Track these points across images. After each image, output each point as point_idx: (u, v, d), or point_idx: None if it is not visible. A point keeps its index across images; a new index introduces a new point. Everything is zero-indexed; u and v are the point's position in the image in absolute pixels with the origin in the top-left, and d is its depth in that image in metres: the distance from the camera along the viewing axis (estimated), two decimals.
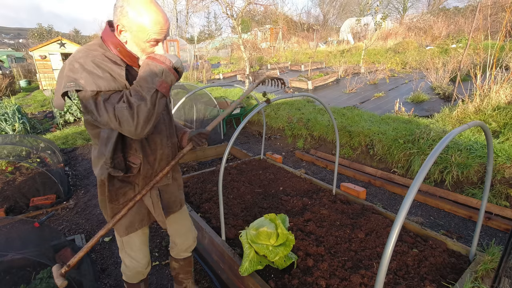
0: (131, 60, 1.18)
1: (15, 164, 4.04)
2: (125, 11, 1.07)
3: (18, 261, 1.98)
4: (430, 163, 0.99)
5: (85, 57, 1.07)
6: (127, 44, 1.15)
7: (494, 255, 1.81)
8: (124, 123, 1.06)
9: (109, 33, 1.15)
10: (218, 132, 5.40)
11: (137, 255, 1.49)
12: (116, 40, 1.14)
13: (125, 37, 1.13)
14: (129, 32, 1.11)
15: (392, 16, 25.86)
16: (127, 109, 1.04)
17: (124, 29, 1.11)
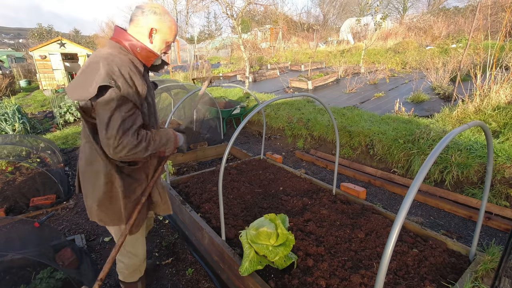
0: (147, 61, 1.40)
1: (15, 164, 4.04)
2: (156, 18, 1.35)
3: (18, 261, 1.98)
4: (430, 163, 0.99)
5: (122, 66, 1.25)
6: (152, 44, 1.39)
7: (494, 255, 1.81)
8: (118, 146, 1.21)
9: (130, 38, 1.34)
10: (218, 132, 5.40)
11: (138, 250, 1.60)
12: (139, 44, 1.34)
13: (154, 37, 1.38)
14: (159, 33, 1.37)
15: (392, 16, 25.86)
16: (132, 145, 1.24)
17: (155, 31, 1.36)
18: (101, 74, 1.18)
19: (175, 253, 2.59)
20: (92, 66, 1.23)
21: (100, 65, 1.20)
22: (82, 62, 14.42)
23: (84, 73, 1.24)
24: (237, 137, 6.09)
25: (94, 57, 1.27)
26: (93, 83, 1.17)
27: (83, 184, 1.45)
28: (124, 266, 1.60)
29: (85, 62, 1.30)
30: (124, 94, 1.22)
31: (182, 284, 2.23)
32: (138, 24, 1.35)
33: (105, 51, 1.29)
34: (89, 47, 21.74)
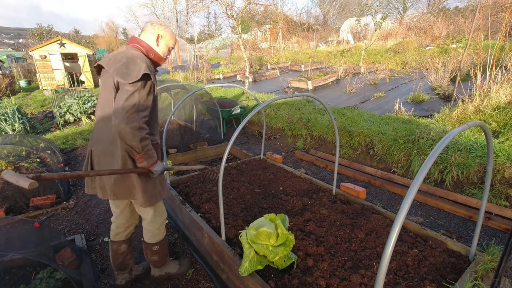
0: (158, 60, 1.79)
1: (15, 164, 4.03)
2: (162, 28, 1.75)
3: (18, 261, 1.98)
4: (430, 163, 0.99)
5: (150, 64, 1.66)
6: (158, 47, 1.77)
7: (494, 255, 1.81)
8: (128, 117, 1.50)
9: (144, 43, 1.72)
10: (218, 132, 5.40)
11: (163, 208, 1.99)
12: (153, 50, 1.75)
13: (161, 42, 1.77)
14: (163, 39, 1.77)
15: (392, 16, 25.87)
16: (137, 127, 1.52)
17: (161, 38, 1.76)
18: (142, 66, 1.56)
19: (175, 253, 2.59)
20: (131, 60, 1.59)
21: (139, 61, 1.59)
22: (82, 62, 14.41)
23: (125, 64, 1.57)
24: (237, 137, 6.09)
25: (130, 55, 1.62)
26: (135, 71, 1.54)
27: (101, 162, 1.71)
28: (161, 224, 1.96)
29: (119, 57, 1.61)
30: (153, 82, 1.64)
31: (182, 284, 2.22)
32: (148, 32, 1.74)
33: (136, 52, 1.66)
34: (89, 47, 21.74)
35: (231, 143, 1.78)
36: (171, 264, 2.21)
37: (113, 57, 1.62)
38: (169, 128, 5.70)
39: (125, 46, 1.75)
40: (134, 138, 1.52)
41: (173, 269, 2.20)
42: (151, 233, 1.95)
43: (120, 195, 1.73)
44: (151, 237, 1.96)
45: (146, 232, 1.97)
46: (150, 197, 1.75)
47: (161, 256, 2.06)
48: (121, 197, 1.75)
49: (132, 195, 1.74)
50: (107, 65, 1.58)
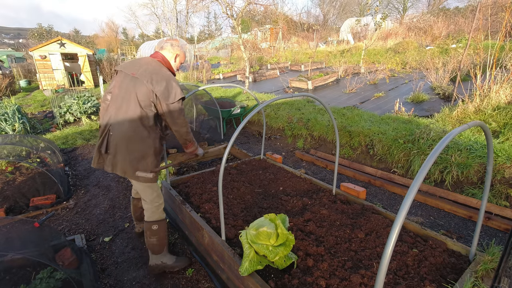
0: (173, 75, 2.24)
1: (15, 164, 4.04)
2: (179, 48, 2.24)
3: (18, 261, 1.98)
4: (430, 163, 0.99)
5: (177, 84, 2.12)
6: (175, 63, 2.25)
7: (494, 255, 1.81)
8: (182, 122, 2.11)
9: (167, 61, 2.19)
10: (218, 132, 5.40)
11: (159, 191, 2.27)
12: (171, 65, 2.21)
13: (177, 60, 2.25)
14: (179, 58, 2.25)
15: (392, 16, 25.87)
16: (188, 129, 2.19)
17: (178, 57, 2.24)
18: (178, 91, 2.04)
19: (175, 253, 2.59)
20: (169, 83, 2.02)
21: (174, 85, 2.04)
22: (82, 62, 14.40)
23: (165, 86, 2.00)
24: (237, 137, 6.09)
25: (167, 76, 2.04)
26: (174, 95, 2.02)
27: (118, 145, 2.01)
28: (159, 205, 2.22)
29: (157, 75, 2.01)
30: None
31: (182, 284, 2.23)
32: (168, 51, 2.19)
33: (168, 73, 2.09)
34: (89, 47, 21.73)
35: (231, 143, 1.78)
36: (168, 255, 2.32)
37: (152, 74, 2.01)
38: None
39: (154, 60, 2.12)
40: (188, 135, 2.18)
41: (169, 261, 2.30)
42: (150, 211, 2.18)
43: (129, 173, 2.04)
44: (151, 215, 2.18)
45: (146, 211, 2.20)
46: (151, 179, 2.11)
47: (160, 240, 2.21)
48: (129, 175, 2.05)
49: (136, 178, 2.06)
50: (142, 76, 1.99)
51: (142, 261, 2.49)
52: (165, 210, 3.09)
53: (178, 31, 26.31)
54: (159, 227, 2.18)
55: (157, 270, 2.28)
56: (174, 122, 2.06)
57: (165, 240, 2.24)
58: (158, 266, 2.27)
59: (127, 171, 2.04)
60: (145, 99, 1.99)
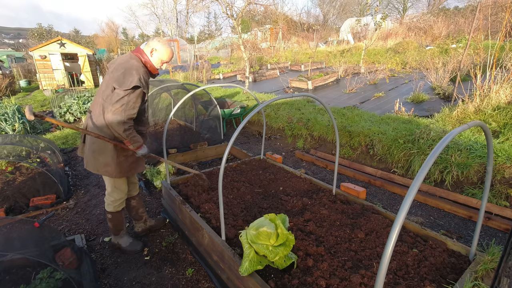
0: (152, 71, 2.25)
1: (15, 164, 4.04)
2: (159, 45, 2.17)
3: (18, 261, 1.98)
4: (430, 163, 0.99)
5: (142, 74, 2.09)
6: (152, 58, 2.19)
7: (494, 255, 1.81)
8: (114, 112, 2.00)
9: (145, 56, 2.17)
10: (218, 132, 5.40)
11: (124, 188, 2.41)
12: (148, 60, 2.18)
13: (154, 54, 2.18)
14: (157, 52, 2.18)
15: (392, 16, 25.87)
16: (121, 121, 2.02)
17: (155, 51, 2.18)
18: (135, 79, 2.00)
19: (175, 253, 2.59)
20: (128, 71, 2.02)
21: (134, 73, 2.02)
22: (82, 62, 14.40)
23: (123, 73, 2.01)
24: (237, 137, 6.09)
25: (130, 66, 2.05)
26: (129, 81, 1.98)
27: (87, 136, 2.18)
28: (114, 200, 2.38)
29: (121, 65, 2.06)
30: (143, 90, 2.08)
31: (182, 284, 2.23)
32: (148, 45, 2.19)
33: (136, 64, 2.09)
34: (89, 47, 21.73)
35: (231, 143, 1.78)
36: (124, 238, 2.60)
37: (117, 65, 2.09)
38: (169, 128, 5.70)
39: (129, 53, 2.18)
40: (119, 129, 2.02)
41: (123, 244, 2.59)
42: (106, 202, 2.43)
43: (90, 164, 2.20)
44: (106, 206, 2.43)
45: (105, 200, 2.45)
46: (107, 171, 2.20)
47: (113, 226, 2.51)
48: (90, 168, 2.21)
49: (96, 170, 2.20)
50: (111, 69, 2.09)
51: (142, 261, 2.49)
52: (165, 210, 3.10)
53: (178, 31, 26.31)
54: (112, 217, 2.45)
55: (114, 247, 2.63)
56: (108, 108, 1.99)
57: (119, 227, 2.54)
58: (115, 245, 2.62)
59: (89, 162, 2.21)
60: (107, 90, 2.05)
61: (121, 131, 2.03)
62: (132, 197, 2.67)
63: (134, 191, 2.66)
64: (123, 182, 2.39)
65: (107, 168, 2.19)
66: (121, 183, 2.38)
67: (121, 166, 2.23)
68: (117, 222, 2.50)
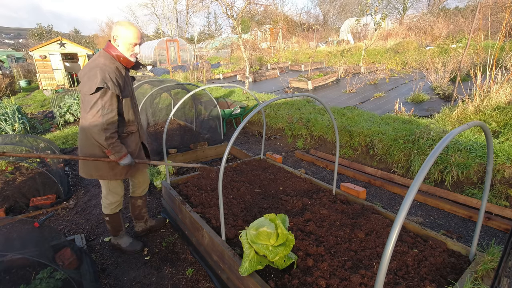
0: (127, 64, 2.05)
1: (15, 164, 4.04)
2: (118, 29, 1.96)
3: (18, 261, 1.98)
4: (430, 163, 0.99)
5: (110, 72, 1.91)
6: (119, 47, 1.98)
7: (494, 255, 1.81)
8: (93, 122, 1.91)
9: (114, 49, 1.99)
10: (218, 132, 5.40)
11: (119, 191, 2.37)
12: (118, 53, 1.98)
13: (119, 42, 1.97)
14: (120, 39, 1.97)
15: (392, 16, 25.87)
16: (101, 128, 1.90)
17: (117, 38, 1.97)
18: (98, 79, 1.83)
19: (175, 253, 2.59)
20: (92, 72, 1.86)
21: (98, 73, 1.85)
22: (82, 62, 14.41)
23: (87, 76, 1.87)
24: (237, 137, 6.09)
25: (94, 65, 1.89)
26: (93, 84, 1.82)
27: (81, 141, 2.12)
28: (110, 203, 2.34)
29: (86, 67, 1.91)
30: (112, 91, 1.90)
31: (182, 284, 2.23)
32: (110, 37, 2.00)
33: (101, 61, 1.93)
34: (89, 47, 21.74)
35: (231, 143, 1.78)
36: (124, 239, 2.60)
37: (84, 67, 1.96)
38: (169, 128, 5.70)
39: (100, 51, 2.03)
40: (100, 138, 1.91)
41: (123, 244, 2.59)
42: (102, 205, 2.40)
43: (83, 173, 2.19)
44: (103, 208, 2.41)
45: (102, 203, 2.42)
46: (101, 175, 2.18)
47: (112, 228, 2.50)
48: (83, 174, 2.19)
49: (90, 175, 2.18)
50: (80, 74, 1.96)
51: (142, 261, 2.49)
52: (165, 210, 3.10)
53: (178, 31, 26.31)
54: (110, 219, 2.43)
55: (114, 247, 2.63)
56: (84, 117, 1.88)
57: (118, 228, 2.52)
58: (115, 245, 2.62)
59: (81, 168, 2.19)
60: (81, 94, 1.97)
61: (102, 140, 1.91)
62: (139, 197, 2.65)
63: (142, 191, 2.64)
64: (118, 184, 2.35)
65: (100, 173, 2.15)
66: (116, 186, 2.34)
67: (115, 169, 2.18)
68: (115, 224, 2.48)
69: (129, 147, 2.22)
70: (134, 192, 2.63)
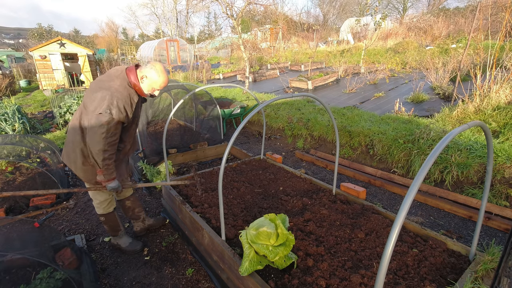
0: (141, 94, 2.15)
1: (15, 164, 4.03)
2: (152, 72, 2.06)
3: (18, 261, 1.98)
4: (430, 163, 0.99)
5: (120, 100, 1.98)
6: (142, 84, 2.10)
7: (494, 255, 1.81)
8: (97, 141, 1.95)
9: (135, 78, 2.07)
10: (218, 132, 5.40)
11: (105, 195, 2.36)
12: (137, 83, 2.08)
13: (144, 81, 2.10)
14: (148, 80, 2.08)
15: (392, 16, 25.87)
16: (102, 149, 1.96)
17: (145, 78, 2.09)
18: (104, 106, 1.90)
19: (175, 253, 2.59)
20: (103, 93, 1.93)
21: (107, 97, 1.92)
22: (82, 62, 14.41)
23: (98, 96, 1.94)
24: (237, 137, 6.09)
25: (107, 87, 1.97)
26: (100, 108, 1.91)
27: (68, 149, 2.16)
28: (100, 202, 2.35)
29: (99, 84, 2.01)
30: (115, 118, 1.96)
31: (182, 284, 2.23)
32: (140, 71, 2.09)
33: (115, 86, 2.00)
34: (89, 47, 21.71)
35: (231, 143, 1.78)
36: (124, 239, 2.61)
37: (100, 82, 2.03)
38: (169, 128, 5.70)
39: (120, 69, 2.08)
40: (98, 157, 1.97)
41: (123, 244, 2.59)
42: (94, 206, 2.41)
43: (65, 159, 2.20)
44: (96, 209, 2.42)
45: (93, 204, 2.44)
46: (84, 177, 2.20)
47: (109, 228, 2.51)
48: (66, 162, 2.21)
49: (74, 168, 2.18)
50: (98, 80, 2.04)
51: (142, 261, 2.49)
52: (165, 210, 3.10)
53: (178, 31, 26.31)
54: (105, 219, 2.43)
55: (114, 247, 2.64)
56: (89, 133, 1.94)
57: (116, 228, 2.52)
58: (115, 246, 2.62)
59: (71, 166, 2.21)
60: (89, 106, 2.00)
61: (100, 159, 1.98)
62: (126, 198, 2.63)
63: (126, 191, 2.63)
64: None
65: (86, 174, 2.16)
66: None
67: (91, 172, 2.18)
68: (112, 224, 2.48)
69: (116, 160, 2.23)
70: (118, 196, 2.61)
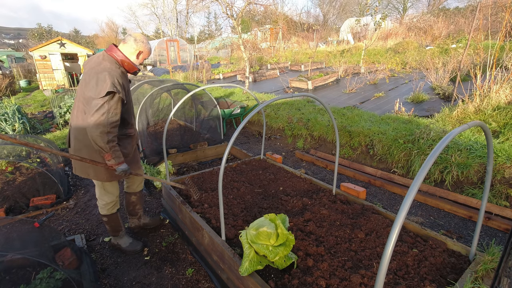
0: (130, 69, 2.13)
1: (15, 164, 4.03)
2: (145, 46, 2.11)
3: (18, 261, 1.98)
4: (430, 163, 0.99)
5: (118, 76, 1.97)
6: (138, 59, 2.11)
7: (494, 255, 1.81)
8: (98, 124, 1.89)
9: (119, 54, 2.03)
10: (218, 132, 5.40)
11: (114, 191, 2.38)
12: (123, 58, 2.04)
13: (140, 57, 2.11)
14: (142, 54, 2.12)
15: (392, 16, 25.87)
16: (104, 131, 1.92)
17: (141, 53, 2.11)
18: (108, 84, 1.87)
19: (175, 253, 2.59)
20: (101, 76, 1.89)
21: (107, 77, 1.88)
22: (82, 62, 14.40)
23: (95, 80, 1.89)
24: (237, 137, 6.09)
25: (101, 69, 1.92)
26: (103, 88, 1.86)
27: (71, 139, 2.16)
28: (106, 203, 2.35)
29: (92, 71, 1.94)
30: (120, 95, 1.96)
31: (182, 284, 2.23)
32: (130, 46, 2.06)
33: (108, 65, 1.97)
34: (89, 47, 21.74)
35: (231, 143, 1.78)
36: (124, 239, 2.61)
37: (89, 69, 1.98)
38: (169, 128, 5.70)
39: (102, 54, 2.05)
40: (102, 141, 1.91)
41: (123, 244, 2.60)
42: (99, 206, 2.41)
43: (79, 172, 2.21)
44: (100, 209, 2.42)
45: (98, 204, 2.43)
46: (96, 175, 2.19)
47: (111, 228, 2.52)
48: (79, 173, 2.21)
49: (86, 174, 2.19)
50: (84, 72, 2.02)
51: (142, 261, 2.50)
52: (165, 210, 3.10)
53: (178, 31, 26.32)
54: (108, 219, 2.45)
55: (114, 247, 2.65)
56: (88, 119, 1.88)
57: (117, 228, 2.53)
58: (115, 246, 2.63)
59: (77, 167, 2.21)
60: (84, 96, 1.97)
61: (104, 143, 1.92)
62: (134, 193, 2.67)
63: (137, 187, 2.66)
64: (113, 185, 2.35)
65: (96, 172, 2.16)
66: (111, 186, 2.34)
67: (111, 170, 2.16)
68: (114, 224, 2.49)
69: (126, 149, 2.25)
70: (128, 187, 2.66)
